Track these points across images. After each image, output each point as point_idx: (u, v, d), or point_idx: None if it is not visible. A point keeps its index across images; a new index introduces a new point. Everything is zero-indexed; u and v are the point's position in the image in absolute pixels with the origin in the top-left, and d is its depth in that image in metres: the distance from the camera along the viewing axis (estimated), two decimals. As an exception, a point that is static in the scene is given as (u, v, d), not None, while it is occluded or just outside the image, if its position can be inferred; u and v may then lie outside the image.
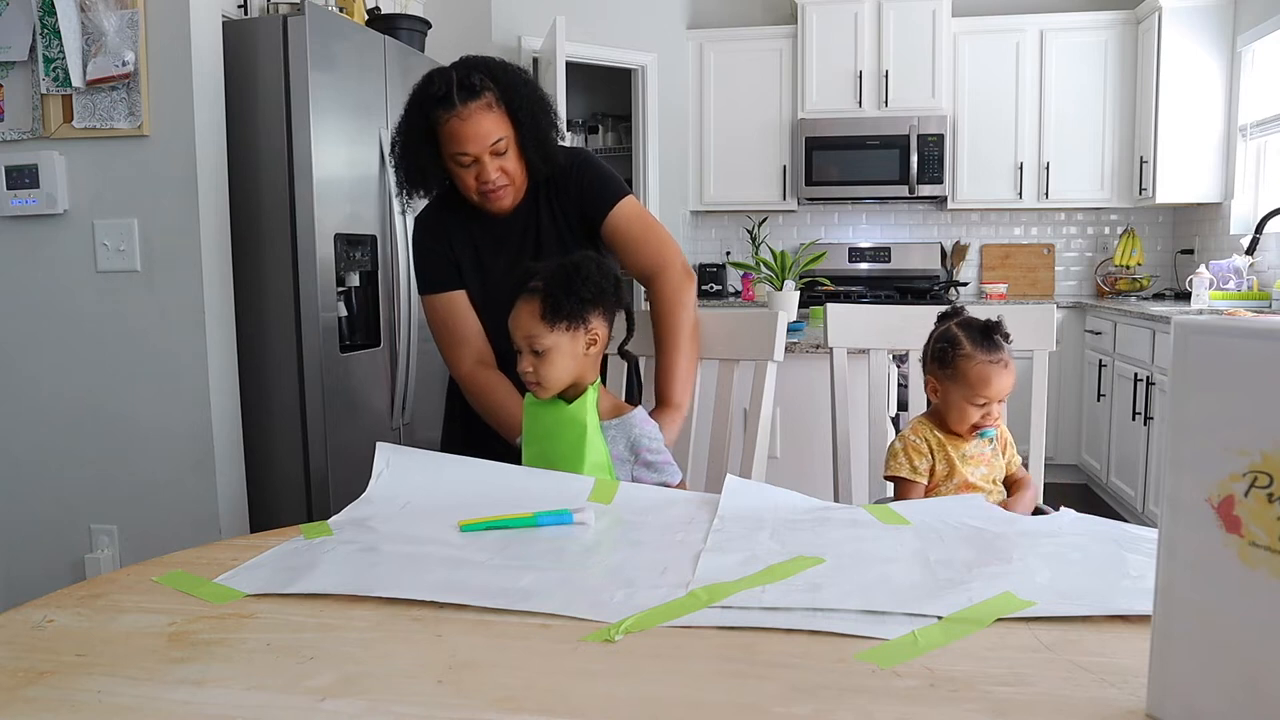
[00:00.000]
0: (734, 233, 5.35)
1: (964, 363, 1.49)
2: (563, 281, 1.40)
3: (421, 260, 1.77)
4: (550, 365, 1.40)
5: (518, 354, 1.42)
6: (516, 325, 1.41)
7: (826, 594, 0.92)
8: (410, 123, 1.64)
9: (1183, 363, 0.65)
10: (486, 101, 1.60)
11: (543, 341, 1.39)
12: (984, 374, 1.48)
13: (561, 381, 1.42)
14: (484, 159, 1.62)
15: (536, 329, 1.39)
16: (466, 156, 1.61)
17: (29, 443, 2.37)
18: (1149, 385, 3.64)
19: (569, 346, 1.40)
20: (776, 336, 1.68)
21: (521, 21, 4.31)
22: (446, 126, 1.59)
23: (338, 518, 1.22)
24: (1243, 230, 4.19)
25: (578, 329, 1.41)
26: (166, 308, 2.28)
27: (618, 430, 1.45)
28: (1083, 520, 1.18)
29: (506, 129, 1.62)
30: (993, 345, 1.50)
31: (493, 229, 1.74)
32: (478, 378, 1.70)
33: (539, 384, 1.41)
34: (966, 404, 1.50)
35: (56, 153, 2.26)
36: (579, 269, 1.42)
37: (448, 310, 1.74)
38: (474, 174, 1.63)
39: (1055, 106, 4.77)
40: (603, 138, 5.61)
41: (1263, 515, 0.61)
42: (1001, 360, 1.49)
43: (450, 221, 1.75)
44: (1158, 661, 0.68)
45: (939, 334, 1.56)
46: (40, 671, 0.78)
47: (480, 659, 0.80)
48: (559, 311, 1.39)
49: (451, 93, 1.58)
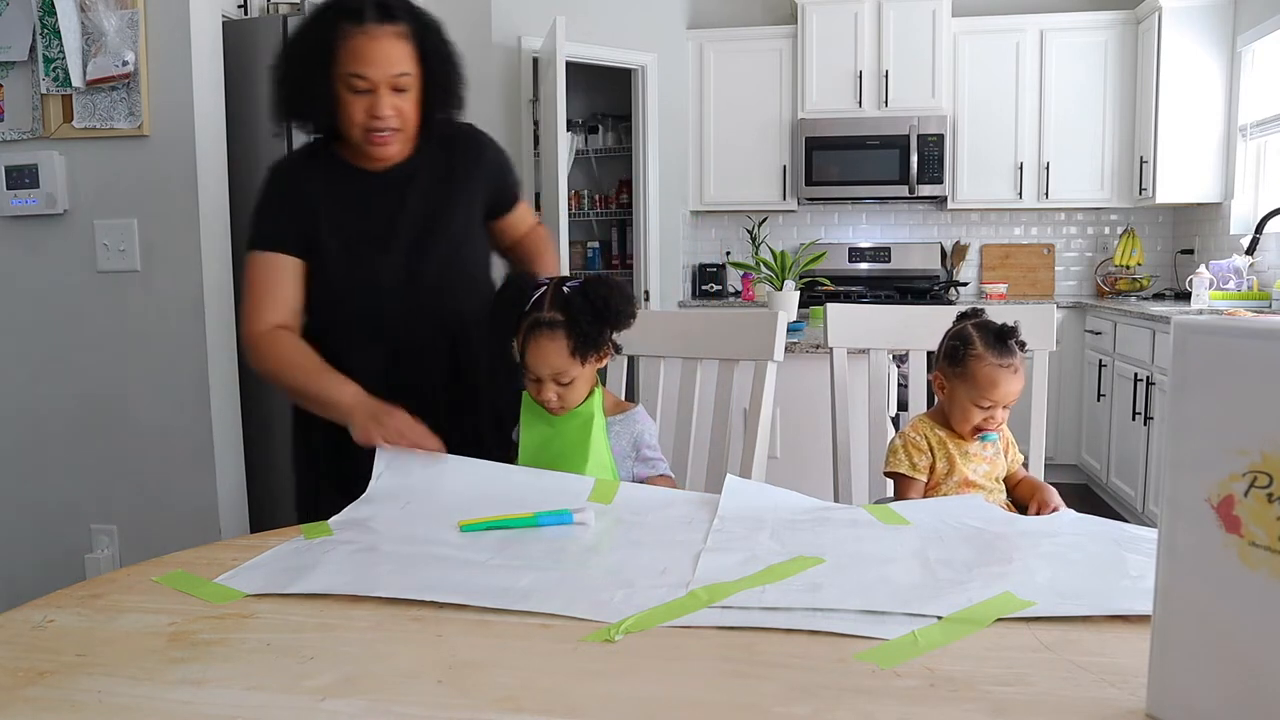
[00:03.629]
0: (734, 233, 5.35)
1: (974, 363, 1.49)
2: (590, 315, 1.37)
3: (266, 212, 1.56)
4: (574, 390, 1.41)
5: (536, 382, 1.40)
6: (543, 362, 1.37)
7: (826, 594, 0.92)
8: (307, 35, 1.49)
9: (1182, 363, 0.65)
10: (399, 31, 1.46)
11: (570, 374, 1.39)
12: (993, 376, 1.47)
13: (581, 398, 1.43)
14: (381, 90, 1.46)
15: (565, 365, 1.38)
16: (364, 81, 1.45)
17: (29, 443, 2.37)
18: (1149, 385, 3.64)
19: (590, 370, 1.42)
20: (777, 336, 1.68)
21: (521, 21, 4.31)
22: (350, 42, 1.44)
23: (338, 518, 1.22)
24: (1243, 230, 4.19)
25: (602, 354, 1.43)
26: (166, 308, 2.28)
27: (622, 426, 1.47)
28: (1083, 520, 1.18)
29: (413, 67, 1.48)
30: (1005, 350, 1.49)
31: (362, 190, 1.57)
32: (276, 337, 1.51)
33: (563, 407, 1.42)
34: (971, 405, 1.50)
35: (56, 153, 2.26)
36: (607, 303, 1.38)
37: (273, 270, 1.54)
38: (365, 106, 1.46)
39: (1055, 106, 4.77)
40: (603, 138, 5.61)
41: (1263, 515, 0.61)
42: (1012, 365, 1.49)
43: (314, 178, 1.57)
44: (1158, 661, 0.68)
45: (954, 331, 1.56)
46: (40, 671, 0.78)
47: (480, 659, 0.80)
48: (589, 346, 1.38)
49: (365, 7, 1.44)
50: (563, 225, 3.87)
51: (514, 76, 4.34)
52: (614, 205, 5.67)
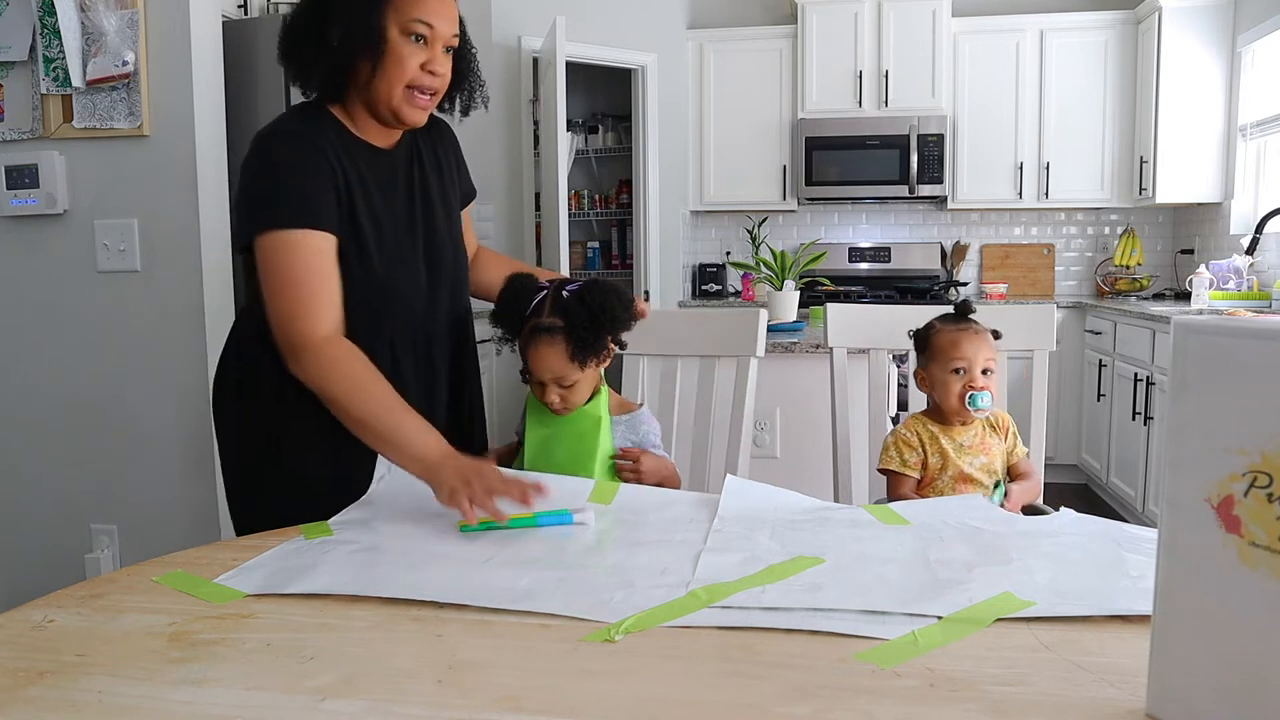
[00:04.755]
0: (734, 233, 5.35)
1: (935, 337, 1.60)
2: (587, 321, 1.38)
3: (296, 183, 1.33)
4: (576, 393, 1.43)
5: (539, 385, 1.42)
6: (544, 367, 1.39)
7: (826, 594, 0.92)
8: None
9: (1182, 363, 0.65)
10: None
11: (571, 378, 1.40)
12: (952, 338, 1.57)
13: (584, 399, 1.45)
14: (437, 45, 1.37)
15: (566, 370, 1.39)
16: (428, 30, 1.35)
17: (29, 443, 2.37)
18: (1149, 385, 3.64)
19: (592, 372, 1.44)
20: (759, 332, 1.74)
21: (521, 21, 4.31)
22: None
23: (338, 518, 1.22)
24: (1243, 230, 4.19)
25: (602, 357, 1.44)
26: (166, 308, 2.28)
27: (627, 426, 1.49)
28: (1082, 520, 1.18)
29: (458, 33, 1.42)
30: (959, 318, 1.61)
31: (380, 168, 1.43)
32: (344, 351, 1.32)
33: (567, 408, 1.43)
34: (945, 375, 1.56)
35: (56, 153, 2.26)
36: (604, 308, 1.38)
37: (319, 253, 1.33)
38: (422, 58, 1.36)
39: (1055, 106, 4.77)
40: (603, 138, 5.61)
41: (1262, 515, 0.61)
42: (969, 328, 1.58)
43: (332, 146, 1.38)
44: (1158, 661, 0.68)
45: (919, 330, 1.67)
46: (40, 671, 0.78)
47: (480, 659, 0.80)
48: (588, 351, 1.39)
49: None
50: (563, 225, 3.87)
51: (514, 76, 4.34)
52: (614, 205, 5.68)
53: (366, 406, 1.28)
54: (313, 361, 1.30)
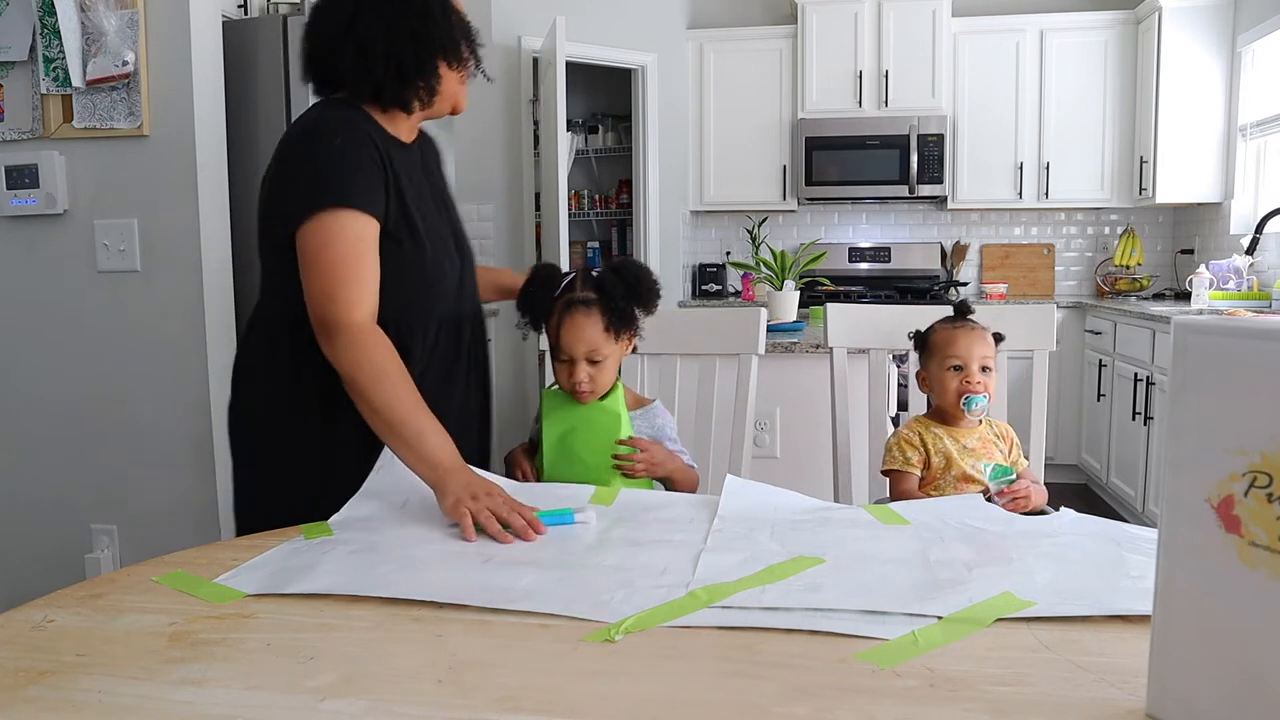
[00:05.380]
0: (734, 233, 5.35)
1: (932, 337, 1.62)
2: (624, 291, 1.42)
3: (351, 167, 1.34)
4: (604, 372, 1.43)
5: (567, 363, 1.42)
6: (578, 338, 1.40)
7: (826, 594, 0.92)
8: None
9: (1182, 363, 0.65)
10: None
11: (604, 352, 1.41)
12: (949, 336, 1.58)
13: (610, 384, 1.46)
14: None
15: (599, 341, 1.41)
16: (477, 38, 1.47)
17: (29, 443, 2.37)
18: (1149, 385, 3.64)
19: (620, 351, 1.45)
20: (759, 332, 1.75)
21: (521, 21, 4.31)
22: None
23: (338, 517, 1.22)
24: (1243, 230, 4.19)
25: (631, 334, 1.46)
26: (166, 308, 2.28)
27: (643, 420, 1.51)
28: (1082, 520, 1.18)
29: None
30: (957, 317, 1.63)
31: (405, 163, 1.44)
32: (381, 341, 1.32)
33: (593, 391, 1.43)
34: (943, 373, 1.57)
35: (56, 153, 2.26)
36: (639, 279, 1.43)
37: (366, 239, 1.34)
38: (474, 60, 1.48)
39: (1055, 106, 4.77)
40: (603, 138, 5.61)
41: (1262, 515, 0.61)
42: (966, 325, 1.60)
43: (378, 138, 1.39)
44: (1158, 661, 0.68)
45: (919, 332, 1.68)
46: (40, 671, 0.78)
47: (480, 659, 0.80)
48: (623, 322, 1.42)
49: None
50: (563, 225, 3.87)
51: (514, 76, 4.34)
52: (614, 205, 5.67)
53: (390, 398, 1.28)
54: (347, 343, 1.29)
